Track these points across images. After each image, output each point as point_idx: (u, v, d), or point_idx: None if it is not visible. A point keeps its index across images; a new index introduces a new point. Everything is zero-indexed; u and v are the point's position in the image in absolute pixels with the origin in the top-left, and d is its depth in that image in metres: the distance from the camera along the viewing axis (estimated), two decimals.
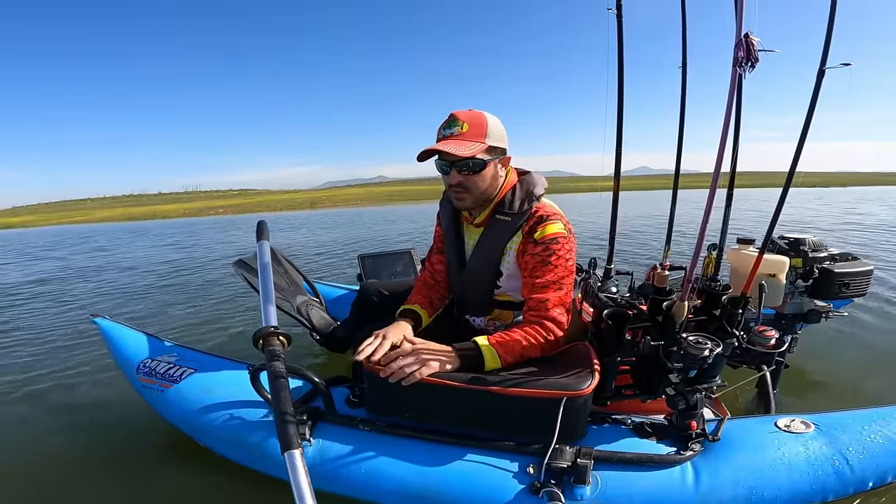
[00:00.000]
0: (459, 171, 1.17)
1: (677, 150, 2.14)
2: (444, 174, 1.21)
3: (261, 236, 1.40)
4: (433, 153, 1.17)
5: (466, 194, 1.21)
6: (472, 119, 1.15)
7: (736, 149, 1.50)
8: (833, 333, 2.48)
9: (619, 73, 1.73)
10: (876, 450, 1.11)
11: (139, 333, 1.70)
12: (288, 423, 0.88)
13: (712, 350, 1.08)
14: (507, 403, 1.09)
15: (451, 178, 1.18)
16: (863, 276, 1.79)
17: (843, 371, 2.10)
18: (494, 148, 1.18)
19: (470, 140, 1.14)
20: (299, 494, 0.77)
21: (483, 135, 1.15)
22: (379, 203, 31.33)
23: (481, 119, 1.16)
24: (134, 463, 1.60)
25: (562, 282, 1.20)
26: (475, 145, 1.14)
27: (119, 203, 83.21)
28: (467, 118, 1.15)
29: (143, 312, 3.76)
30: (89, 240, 11.72)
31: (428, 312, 1.37)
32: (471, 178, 1.18)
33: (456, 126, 1.15)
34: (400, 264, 2.56)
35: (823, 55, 1.22)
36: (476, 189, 1.20)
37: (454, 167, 1.17)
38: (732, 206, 1.78)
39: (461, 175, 1.17)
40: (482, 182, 1.19)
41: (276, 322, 1.11)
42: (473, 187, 1.19)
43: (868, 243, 5.77)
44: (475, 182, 1.19)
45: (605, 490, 1.05)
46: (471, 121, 1.15)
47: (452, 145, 1.13)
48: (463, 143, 1.13)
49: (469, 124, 1.15)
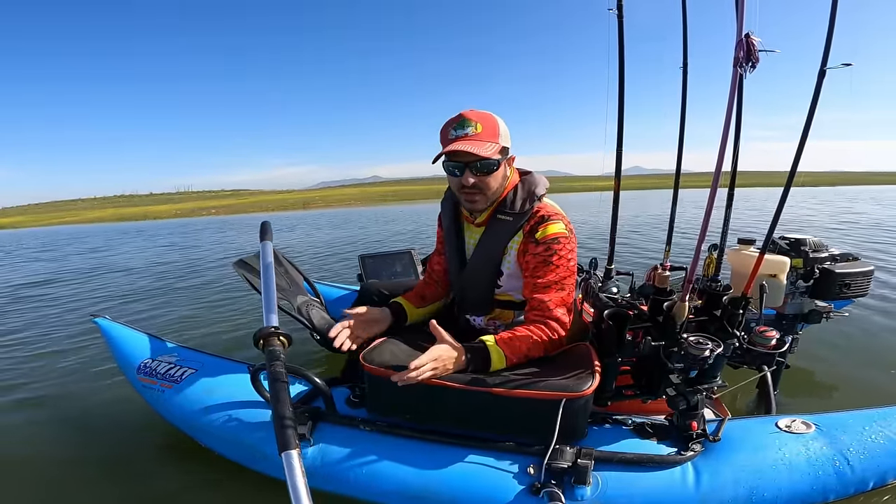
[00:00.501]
0: (474, 173, 1.15)
1: (678, 151, 2.14)
2: (455, 176, 1.18)
3: (264, 236, 1.40)
4: (453, 153, 1.14)
5: (480, 196, 1.20)
6: (484, 119, 1.14)
7: (737, 149, 1.50)
8: (834, 334, 2.47)
9: (620, 74, 1.73)
10: (877, 450, 1.11)
11: (140, 334, 1.70)
12: (286, 424, 0.87)
13: (713, 350, 1.08)
14: (508, 404, 1.09)
15: (464, 179, 1.16)
16: (863, 276, 1.78)
17: (843, 371, 2.10)
18: (504, 148, 1.18)
19: (486, 140, 1.13)
20: (296, 495, 0.76)
21: (497, 135, 1.15)
22: (372, 203, 31.28)
23: (493, 119, 1.16)
24: (134, 463, 1.60)
25: (563, 282, 1.20)
26: (492, 145, 1.13)
27: (110, 204, 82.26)
28: (479, 118, 1.14)
29: (143, 314, 3.76)
30: (82, 241, 11.70)
31: (415, 304, 1.39)
32: (485, 180, 1.17)
33: (469, 126, 1.13)
34: (400, 264, 2.56)
35: (824, 55, 1.22)
36: (489, 190, 1.19)
37: (468, 168, 1.15)
38: (732, 206, 1.77)
39: (475, 176, 1.16)
40: (495, 182, 1.19)
41: (277, 322, 1.11)
42: (486, 188, 1.19)
43: (860, 243, 5.78)
44: (488, 183, 1.18)
45: (605, 490, 1.05)
46: (483, 121, 1.14)
47: (471, 145, 1.11)
48: (481, 144, 1.12)
49: (482, 125, 1.13)
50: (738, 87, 1.11)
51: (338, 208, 25.84)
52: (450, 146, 1.12)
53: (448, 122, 1.17)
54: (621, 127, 1.79)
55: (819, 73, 1.22)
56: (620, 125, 1.79)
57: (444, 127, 1.18)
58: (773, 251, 1.81)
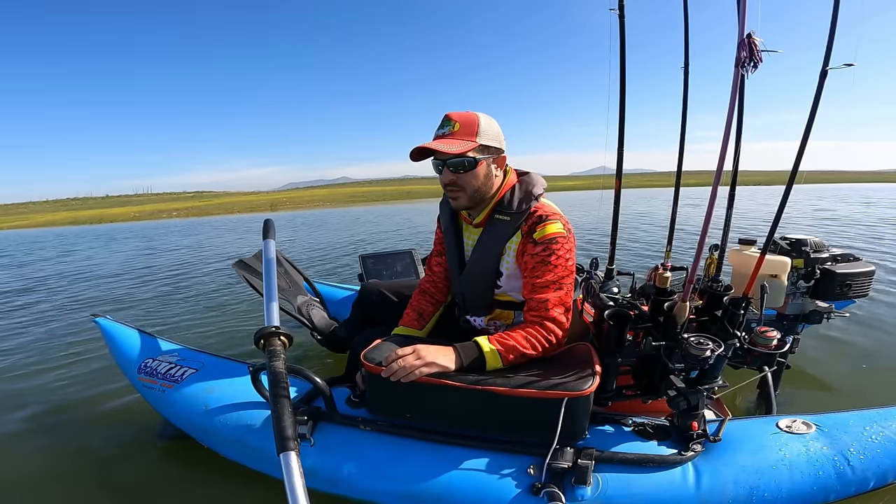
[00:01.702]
0: (451, 170, 1.19)
1: (679, 151, 2.14)
2: (439, 173, 1.23)
3: (267, 235, 1.39)
4: (424, 152, 1.20)
5: (460, 193, 1.22)
6: (463, 119, 1.18)
7: (738, 149, 1.50)
8: (835, 334, 2.47)
9: (622, 74, 1.72)
10: (877, 450, 1.11)
11: (140, 333, 1.70)
12: (285, 425, 0.87)
13: (713, 351, 1.07)
14: (509, 404, 1.09)
15: (444, 176, 1.21)
16: (864, 276, 1.78)
17: (844, 372, 2.10)
18: (487, 147, 1.19)
19: (460, 139, 1.17)
20: (293, 497, 0.76)
21: (474, 134, 1.17)
22: (342, 204, 31.25)
23: (473, 119, 1.18)
24: (135, 463, 1.60)
25: (562, 282, 1.20)
26: (464, 143, 1.16)
27: (63, 206, 78.94)
28: (459, 118, 1.18)
29: (143, 317, 3.77)
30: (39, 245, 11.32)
31: (417, 327, 1.40)
32: (462, 177, 1.20)
33: (448, 126, 1.18)
34: (401, 264, 2.56)
35: (826, 55, 1.22)
36: (469, 187, 1.21)
37: (446, 166, 1.19)
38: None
39: (453, 174, 1.20)
40: (475, 180, 1.21)
41: (279, 322, 1.11)
42: (467, 185, 1.21)
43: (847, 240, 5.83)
44: (467, 180, 1.20)
45: (605, 491, 1.05)
46: (462, 121, 1.18)
47: (441, 144, 1.15)
48: (452, 142, 1.16)
49: (461, 124, 1.17)
50: (740, 88, 1.11)
51: (306, 210, 25.85)
52: (422, 144, 1.17)
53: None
54: (622, 127, 1.79)
55: (821, 73, 1.22)
56: (622, 125, 1.79)
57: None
58: (773, 251, 1.81)
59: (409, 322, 1.41)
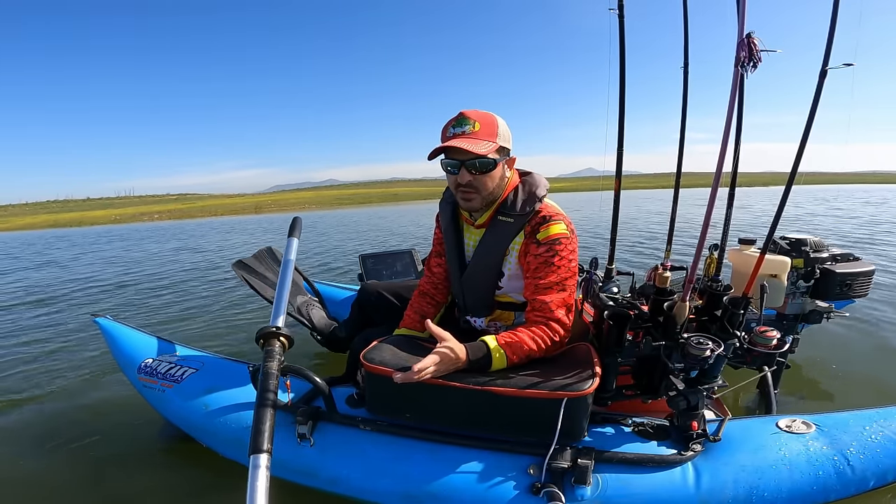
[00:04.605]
0: (470, 171, 1.15)
1: (679, 151, 2.13)
2: (452, 174, 1.18)
3: (292, 232, 1.36)
4: (445, 150, 1.15)
5: (475, 194, 1.19)
6: (483, 118, 1.14)
7: (738, 149, 1.49)
8: (834, 334, 2.47)
9: (622, 74, 1.72)
10: (877, 450, 1.11)
11: (140, 333, 1.70)
12: (263, 425, 0.85)
13: (713, 350, 1.08)
14: (508, 404, 1.09)
15: (460, 177, 1.16)
16: (864, 276, 1.78)
17: (844, 371, 2.10)
18: (503, 148, 1.17)
19: (483, 139, 1.13)
20: (252, 499, 0.74)
21: (495, 134, 1.14)
22: (328, 207, 31.02)
23: (492, 119, 1.15)
24: (135, 462, 1.60)
25: (565, 283, 1.19)
26: (488, 144, 1.13)
27: (43, 209, 76.75)
28: (478, 117, 1.14)
29: (144, 318, 3.76)
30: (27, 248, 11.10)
31: (419, 329, 1.37)
32: (480, 178, 1.16)
33: (468, 124, 1.13)
34: (400, 264, 2.56)
35: (826, 55, 1.22)
36: (485, 189, 1.19)
37: (464, 166, 1.15)
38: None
39: (471, 174, 1.16)
40: (491, 182, 1.18)
41: (284, 322, 1.10)
42: (482, 187, 1.18)
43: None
44: (484, 182, 1.17)
45: (605, 490, 1.05)
46: (482, 120, 1.14)
47: (466, 143, 1.11)
48: (477, 141, 1.12)
49: (481, 123, 1.13)
50: (740, 88, 1.11)
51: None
52: (446, 143, 1.13)
53: (448, 122, 1.17)
54: (622, 127, 1.79)
55: (820, 73, 1.22)
56: (621, 126, 1.79)
57: (445, 126, 1.18)
58: (773, 251, 1.81)
59: (411, 324, 1.39)
